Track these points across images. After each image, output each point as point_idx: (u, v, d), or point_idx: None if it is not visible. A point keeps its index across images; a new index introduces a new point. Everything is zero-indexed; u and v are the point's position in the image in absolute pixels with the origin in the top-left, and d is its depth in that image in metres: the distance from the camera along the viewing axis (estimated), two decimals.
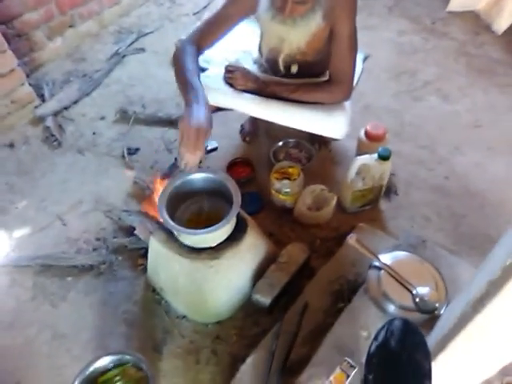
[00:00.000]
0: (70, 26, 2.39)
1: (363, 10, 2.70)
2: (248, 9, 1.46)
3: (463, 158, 1.91)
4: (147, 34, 2.57)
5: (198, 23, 1.56)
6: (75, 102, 2.18)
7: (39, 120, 2.09)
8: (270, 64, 1.64)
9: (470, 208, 1.73)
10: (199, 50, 1.47)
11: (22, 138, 2.04)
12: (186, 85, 1.31)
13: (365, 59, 2.35)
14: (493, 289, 0.60)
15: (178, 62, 1.40)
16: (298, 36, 1.42)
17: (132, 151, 1.95)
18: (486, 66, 2.36)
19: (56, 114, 2.11)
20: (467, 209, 1.73)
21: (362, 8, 2.69)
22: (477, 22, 2.62)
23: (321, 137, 1.80)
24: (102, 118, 2.12)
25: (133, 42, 2.49)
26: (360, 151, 1.75)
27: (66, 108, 2.14)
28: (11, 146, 1.99)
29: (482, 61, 2.39)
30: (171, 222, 1.22)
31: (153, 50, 2.48)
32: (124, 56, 2.42)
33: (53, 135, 2.00)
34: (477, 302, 0.65)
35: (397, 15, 2.69)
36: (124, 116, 2.09)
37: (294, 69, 1.60)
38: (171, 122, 2.04)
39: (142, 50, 2.47)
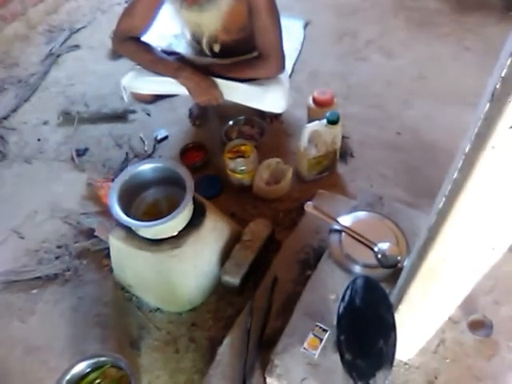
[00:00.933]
0: None
1: None
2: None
3: (413, 112, 1.94)
4: (80, 29, 2.47)
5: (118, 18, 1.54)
6: (14, 110, 2.09)
7: None
8: (199, 46, 1.62)
9: (424, 160, 1.77)
10: (136, 36, 1.51)
11: None
12: (156, 61, 1.51)
13: (305, 26, 2.35)
14: (431, 234, 0.61)
15: (132, 50, 1.53)
16: (211, 19, 1.41)
17: (81, 152, 1.89)
18: (425, 18, 2.38)
19: None
20: (421, 161, 1.76)
21: None
22: None
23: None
24: (45, 123, 2.04)
25: (66, 40, 2.39)
26: (311, 119, 1.75)
27: (5, 118, 2.05)
28: None
29: (420, 13, 2.41)
30: (124, 218, 1.20)
31: (88, 45, 2.39)
32: (59, 55, 2.32)
33: None
34: (422, 250, 0.66)
35: None
36: (68, 117, 2.02)
37: (217, 48, 1.59)
38: (117, 117, 1.99)
39: (77, 46, 2.38)
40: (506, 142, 0.47)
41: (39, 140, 1.98)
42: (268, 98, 1.54)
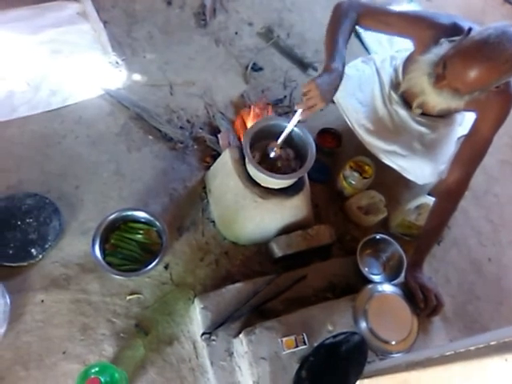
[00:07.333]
0: None
1: None
2: (416, 38, 1.48)
3: None
4: None
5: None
6: None
7: None
8: (401, 98, 1.67)
9: (489, 297, 1.80)
10: (357, 23, 1.52)
11: (180, 1, 2.19)
12: (332, 44, 1.39)
13: None
14: (425, 362, 0.74)
15: (335, 19, 1.48)
16: (437, 101, 1.40)
17: (256, 68, 2.08)
18: None
19: None
20: (486, 296, 1.80)
21: None
22: None
23: None
24: (250, 24, 2.23)
25: None
26: (434, 191, 1.80)
27: None
28: (169, 3, 2.16)
29: None
30: (249, 151, 1.39)
31: None
32: None
33: (204, 14, 2.15)
34: (410, 364, 0.80)
35: None
36: (268, 34, 2.20)
37: (417, 111, 1.64)
38: (301, 64, 2.14)
39: None
40: None
41: (236, 33, 2.18)
42: (417, 171, 1.66)
